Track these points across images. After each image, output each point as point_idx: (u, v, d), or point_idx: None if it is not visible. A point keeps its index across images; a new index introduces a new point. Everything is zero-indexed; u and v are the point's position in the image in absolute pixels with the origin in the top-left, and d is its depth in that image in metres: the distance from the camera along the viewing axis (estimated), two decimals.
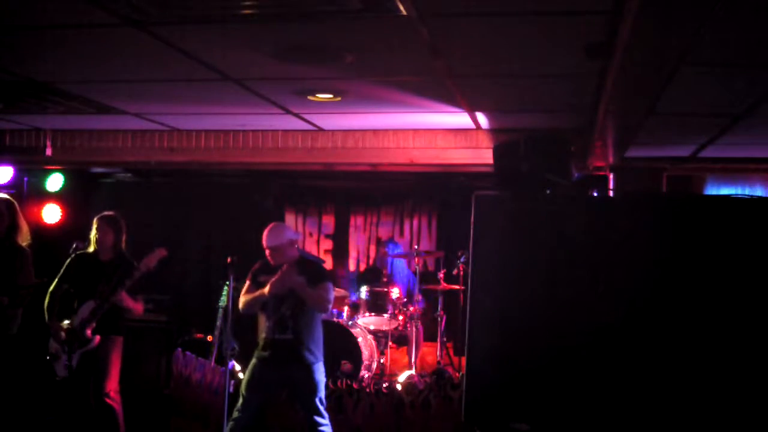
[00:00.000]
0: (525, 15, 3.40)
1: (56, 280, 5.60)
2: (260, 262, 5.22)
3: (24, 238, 5.51)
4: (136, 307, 5.51)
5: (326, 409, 5.17)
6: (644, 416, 3.67)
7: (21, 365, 6.71)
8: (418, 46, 3.89)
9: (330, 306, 5.21)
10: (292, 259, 5.12)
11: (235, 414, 5.08)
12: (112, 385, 5.47)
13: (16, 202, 5.61)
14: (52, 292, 5.56)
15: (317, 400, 5.08)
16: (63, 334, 5.39)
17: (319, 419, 5.08)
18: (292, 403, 5.48)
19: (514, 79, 4.69)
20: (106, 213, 5.69)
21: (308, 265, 5.25)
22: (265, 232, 5.14)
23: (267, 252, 5.13)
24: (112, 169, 9.35)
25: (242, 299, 5.18)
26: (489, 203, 3.91)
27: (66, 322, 5.46)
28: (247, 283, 5.21)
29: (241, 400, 5.12)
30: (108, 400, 5.42)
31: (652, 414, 3.66)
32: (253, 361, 5.18)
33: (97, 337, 5.38)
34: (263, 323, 5.14)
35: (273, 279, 4.98)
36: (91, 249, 5.62)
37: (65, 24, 3.75)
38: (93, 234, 5.60)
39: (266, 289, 4.99)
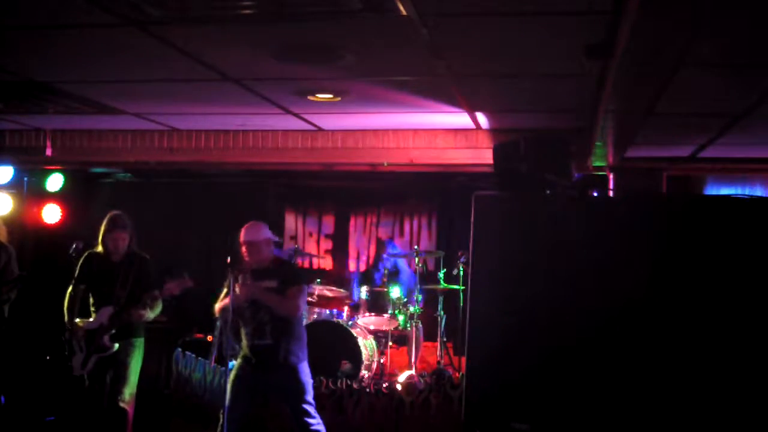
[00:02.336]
0: (525, 15, 3.40)
1: (73, 281, 5.55)
2: (237, 271, 5.09)
3: (2, 235, 5.50)
4: (156, 312, 5.52)
5: (316, 408, 5.12)
6: (644, 416, 3.67)
7: (25, 365, 6.72)
8: (418, 46, 3.89)
9: (299, 310, 5.11)
10: (267, 258, 5.12)
11: (221, 418, 4.95)
12: (129, 389, 5.42)
13: None
14: (70, 293, 5.53)
15: (305, 403, 5.02)
16: (81, 334, 5.36)
17: (309, 420, 5.03)
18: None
19: (514, 79, 4.69)
20: (116, 216, 5.55)
21: (282, 266, 5.24)
22: (243, 229, 5.16)
23: (243, 248, 5.12)
24: (112, 169, 9.35)
25: (216, 306, 5.18)
26: (489, 203, 3.91)
27: (79, 320, 5.43)
28: (224, 290, 5.16)
29: (226, 410, 4.94)
30: (122, 404, 5.37)
31: (652, 413, 3.66)
32: (238, 361, 5.11)
33: (115, 345, 5.35)
34: (242, 330, 5.08)
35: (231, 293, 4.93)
36: (101, 249, 5.52)
37: (65, 24, 3.75)
38: (104, 237, 5.48)
39: (226, 300, 4.96)
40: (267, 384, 5.11)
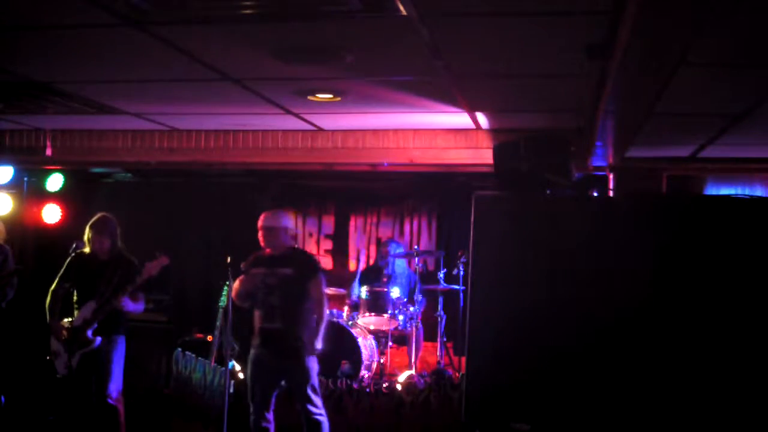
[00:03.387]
0: (525, 15, 3.40)
1: (57, 279, 5.60)
2: (254, 255, 5.34)
3: (0, 236, 5.56)
4: (138, 308, 5.55)
5: (321, 397, 5.27)
6: (644, 416, 3.67)
7: (22, 364, 6.72)
8: (418, 46, 3.89)
9: (323, 301, 5.32)
10: (283, 245, 5.29)
11: (251, 407, 5.22)
12: (115, 386, 5.46)
13: None
14: (53, 291, 5.56)
15: (309, 389, 5.13)
16: (64, 333, 5.40)
17: (311, 408, 5.13)
18: (288, 397, 5.53)
19: (514, 79, 4.69)
20: (97, 219, 5.65)
21: (298, 255, 5.43)
22: (262, 215, 5.36)
23: (260, 234, 5.28)
24: (112, 169, 9.33)
25: (233, 289, 5.35)
26: (489, 203, 3.91)
27: (66, 320, 5.47)
28: (242, 276, 5.35)
29: (249, 393, 5.26)
30: (110, 402, 5.40)
31: (652, 413, 3.66)
32: (251, 350, 5.31)
33: (98, 339, 5.39)
34: (256, 313, 5.28)
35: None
36: (88, 249, 5.61)
37: (65, 24, 3.75)
38: (87, 238, 5.59)
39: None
40: (276, 367, 5.22)
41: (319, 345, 5.23)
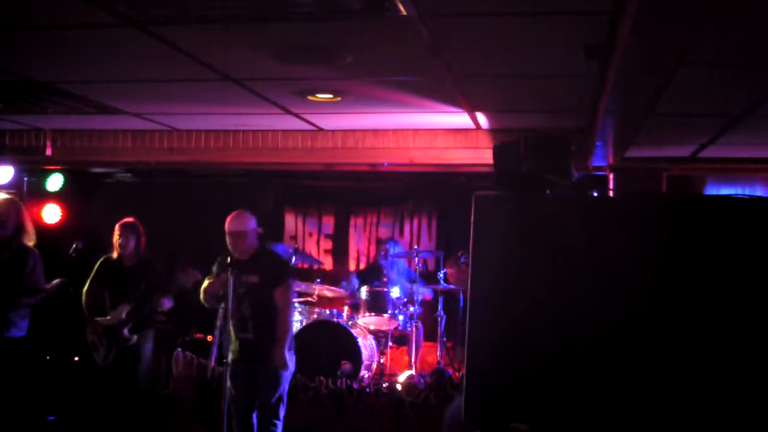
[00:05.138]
0: (525, 15, 3.41)
1: (89, 281, 5.87)
2: (221, 257, 5.14)
3: (30, 238, 5.56)
4: (168, 306, 5.98)
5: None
6: (645, 417, 3.67)
7: (25, 365, 6.71)
8: (418, 46, 3.89)
9: (288, 309, 5.14)
10: (250, 249, 5.10)
11: (230, 411, 5.06)
12: (145, 374, 5.86)
13: (20, 202, 5.73)
14: (87, 292, 5.86)
15: (276, 398, 4.98)
16: (100, 329, 5.68)
17: (275, 420, 4.99)
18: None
19: (514, 79, 4.69)
20: (127, 220, 5.93)
21: (264, 259, 5.18)
22: (229, 218, 5.13)
23: (228, 238, 5.07)
24: (112, 169, 9.34)
25: (201, 290, 5.25)
26: (489, 203, 3.90)
27: (102, 318, 5.71)
28: (211, 279, 5.21)
29: (227, 398, 5.03)
30: (141, 388, 5.81)
31: (653, 414, 3.66)
32: (230, 356, 5.04)
33: (134, 337, 5.69)
34: (229, 321, 5.02)
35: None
36: (115, 254, 5.86)
37: (65, 24, 3.76)
38: (116, 240, 5.84)
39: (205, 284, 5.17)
40: (249, 376, 5.03)
41: (284, 360, 4.96)
